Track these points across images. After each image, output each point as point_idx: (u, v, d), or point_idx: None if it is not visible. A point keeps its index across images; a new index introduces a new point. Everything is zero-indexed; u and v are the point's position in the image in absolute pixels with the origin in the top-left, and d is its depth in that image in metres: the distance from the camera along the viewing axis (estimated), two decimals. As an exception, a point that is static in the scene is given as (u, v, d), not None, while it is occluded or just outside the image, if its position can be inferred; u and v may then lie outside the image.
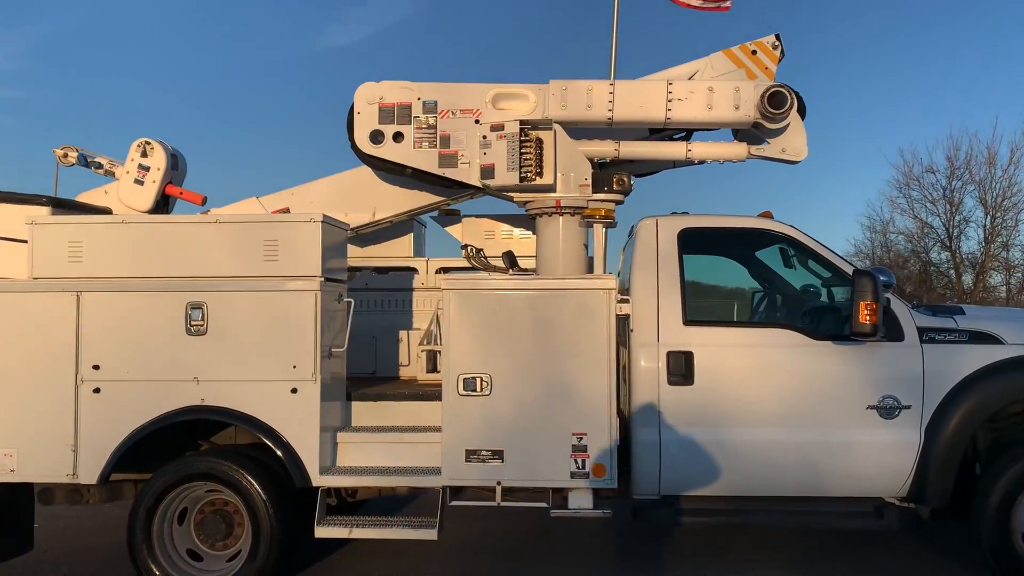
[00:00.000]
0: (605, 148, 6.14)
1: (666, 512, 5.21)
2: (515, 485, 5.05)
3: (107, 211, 6.21)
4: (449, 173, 6.01)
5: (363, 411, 5.53)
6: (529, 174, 5.84)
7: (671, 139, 6.50)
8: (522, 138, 5.85)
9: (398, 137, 6.04)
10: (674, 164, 6.62)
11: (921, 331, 5.17)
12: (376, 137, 6.04)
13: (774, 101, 5.77)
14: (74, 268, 5.18)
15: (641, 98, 5.92)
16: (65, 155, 6.70)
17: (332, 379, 5.25)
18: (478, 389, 5.03)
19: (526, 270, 6.13)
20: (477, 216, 7.18)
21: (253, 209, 6.49)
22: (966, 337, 5.16)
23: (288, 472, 5.06)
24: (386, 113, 6.08)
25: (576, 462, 4.99)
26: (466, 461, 5.03)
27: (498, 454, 5.02)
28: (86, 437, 5.09)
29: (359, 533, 5.11)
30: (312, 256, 5.09)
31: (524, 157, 5.85)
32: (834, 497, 5.20)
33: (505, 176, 5.83)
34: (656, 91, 5.91)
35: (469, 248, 6.42)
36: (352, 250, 6.79)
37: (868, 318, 4.77)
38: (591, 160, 6.11)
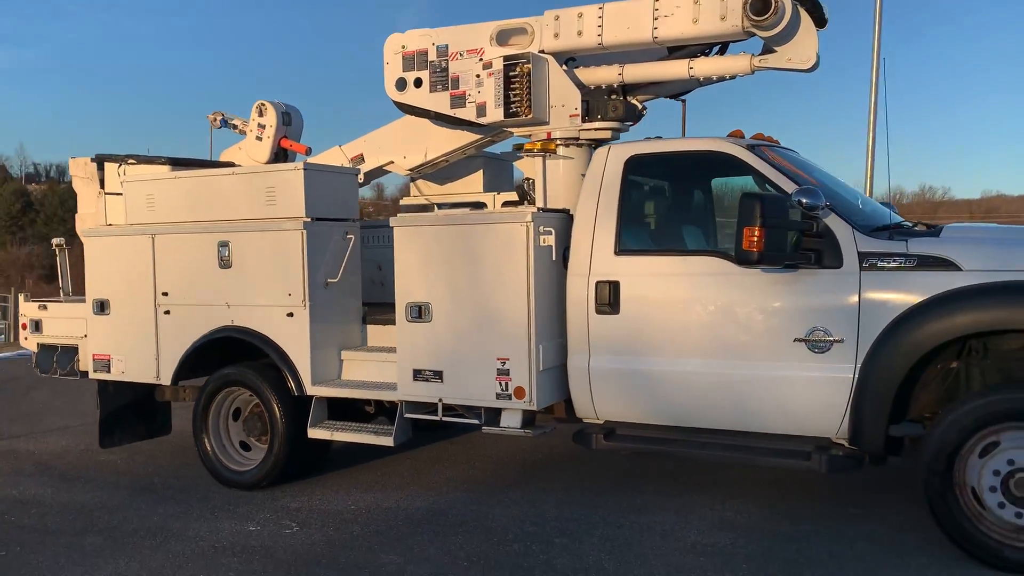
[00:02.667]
0: (609, 74, 6.10)
1: (602, 438, 5.32)
2: (453, 403, 5.52)
3: (224, 165, 7.56)
4: (459, 113, 6.39)
5: (377, 333, 6.31)
6: (518, 109, 6.04)
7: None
8: (511, 73, 6.05)
9: (418, 83, 6.54)
10: (699, 83, 6.29)
11: (862, 256, 4.63)
12: (401, 84, 6.60)
13: (755, 7, 5.36)
14: (149, 215, 6.55)
15: (627, 18, 5.81)
16: (215, 119, 8.22)
17: (330, 305, 6.06)
18: (421, 316, 5.54)
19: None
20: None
21: (335, 156, 7.43)
22: (914, 262, 4.52)
23: (289, 382, 6.03)
24: (408, 61, 6.59)
25: (500, 384, 5.32)
26: (414, 380, 5.60)
27: (439, 375, 5.51)
28: (162, 349, 6.50)
29: (336, 436, 5.97)
30: (297, 200, 5.91)
31: (513, 93, 6.06)
32: (772, 434, 4.92)
33: (494, 113, 6.10)
34: (642, 9, 5.75)
35: (525, 182, 6.73)
36: (431, 187, 7.52)
37: (753, 244, 4.44)
38: (593, 87, 6.12)
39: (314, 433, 6.02)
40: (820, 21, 5.69)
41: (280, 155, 7.78)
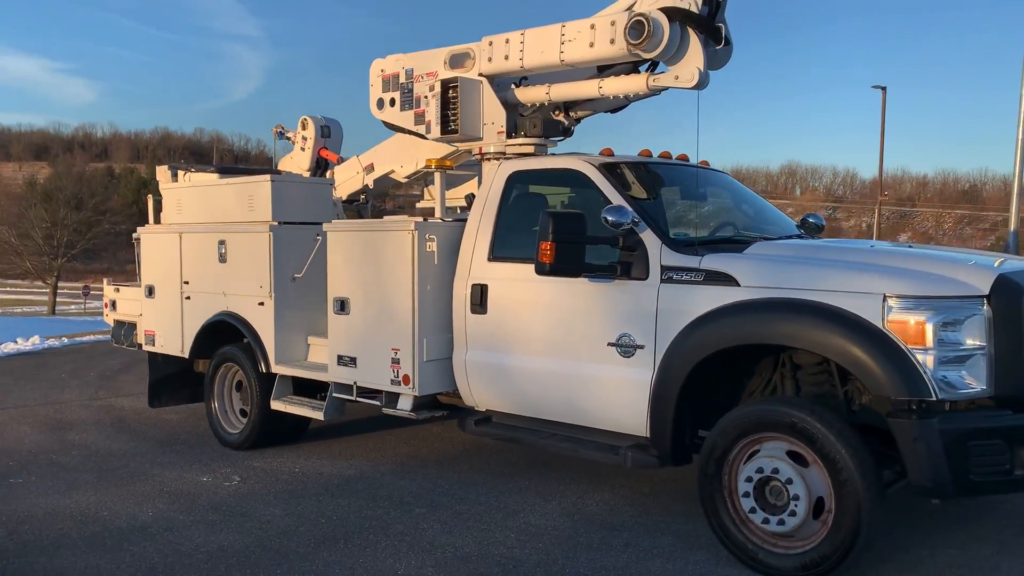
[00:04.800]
0: (538, 93, 6.66)
1: (477, 425, 5.95)
2: (364, 385, 6.34)
3: (267, 172, 8.81)
4: (418, 130, 7.17)
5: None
6: (454, 127, 6.73)
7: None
8: (449, 95, 6.75)
9: (392, 103, 7.39)
10: (627, 100, 6.65)
11: (664, 269, 4.96)
12: (380, 104, 7.48)
13: (633, 32, 5.75)
14: (178, 217, 7.91)
15: (541, 43, 6.33)
16: (276, 132, 9.55)
17: (296, 297, 7.07)
18: (343, 309, 6.41)
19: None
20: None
21: (353, 166, 8.47)
22: (702, 277, 4.79)
23: (259, 360, 7.12)
24: (386, 83, 7.46)
25: (393, 372, 6.08)
26: (338, 364, 6.48)
27: (354, 360, 6.36)
28: (185, 328, 7.83)
29: (287, 408, 6.97)
30: (266, 207, 6.98)
31: (451, 112, 6.75)
32: (599, 429, 5.34)
33: (435, 130, 6.83)
34: (552, 35, 6.25)
35: (468, 196, 7.44)
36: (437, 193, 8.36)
37: (545, 256, 4.89)
38: (530, 105, 6.69)
39: (275, 405, 7.07)
40: (720, 39, 5.93)
41: (320, 163, 8.94)
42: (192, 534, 5.29)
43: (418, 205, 8.71)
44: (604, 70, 6.56)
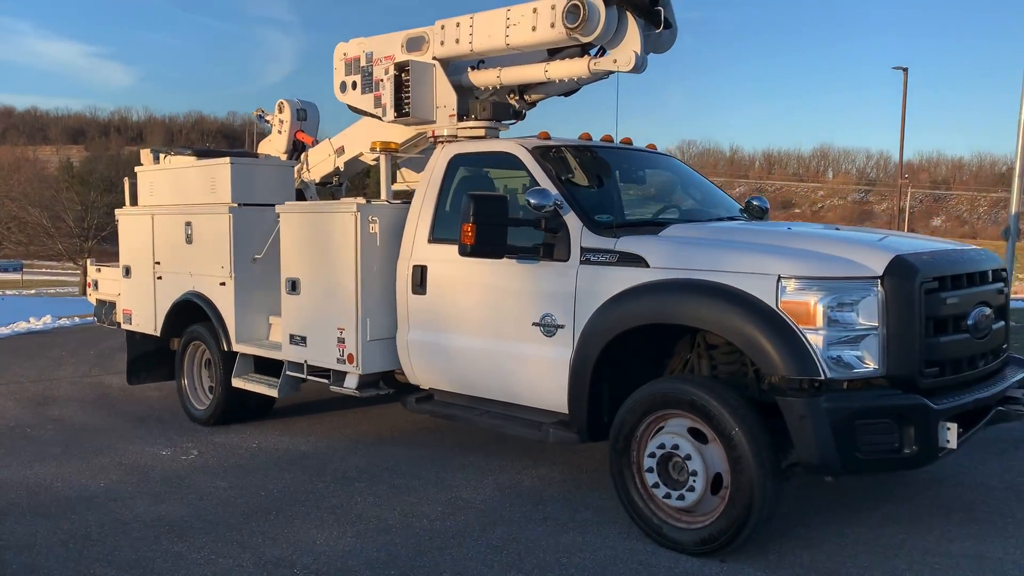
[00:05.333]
0: (489, 77, 6.75)
1: (418, 403, 6.09)
2: (314, 364, 6.50)
3: (250, 155, 8.98)
4: (377, 113, 7.30)
5: (306, 302, 7.44)
6: (408, 110, 6.85)
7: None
8: (403, 78, 6.85)
9: (354, 86, 7.51)
10: (576, 83, 6.71)
11: (584, 251, 5.05)
12: (343, 87, 7.60)
13: (570, 17, 5.82)
14: (150, 199, 8.12)
15: (489, 27, 6.42)
16: (256, 115, 9.72)
17: (257, 278, 7.23)
18: (295, 289, 6.57)
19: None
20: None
21: (325, 148, 8.61)
22: (616, 259, 4.87)
23: (221, 339, 7.32)
24: (348, 66, 7.57)
25: (339, 351, 6.23)
26: (290, 343, 6.65)
27: (304, 340, 6.53)
28: (158, 307, 8.05)
29: (246, 385, 7.17)
30: (225, 189, 7.15)
31: (405, 95, 6.86)
32: (529, 407, 5.45)
33: (390, 112, 6.95)
34: (498, 19, 6.35)
35: None
36: (412, 175, 8.50)
37: (466, 238, 5.00)
38: (483, 88, 6.79)
39: (235, 383, 7.26)
40: (659, 23, 5.97)
41: (297, 146, 9.09)
42: (135, 504, 5.50)
43: (393, 187, 8.84)
44: (555, 53, 6.63)
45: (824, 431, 4.05)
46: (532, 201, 5.05)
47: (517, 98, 7.00)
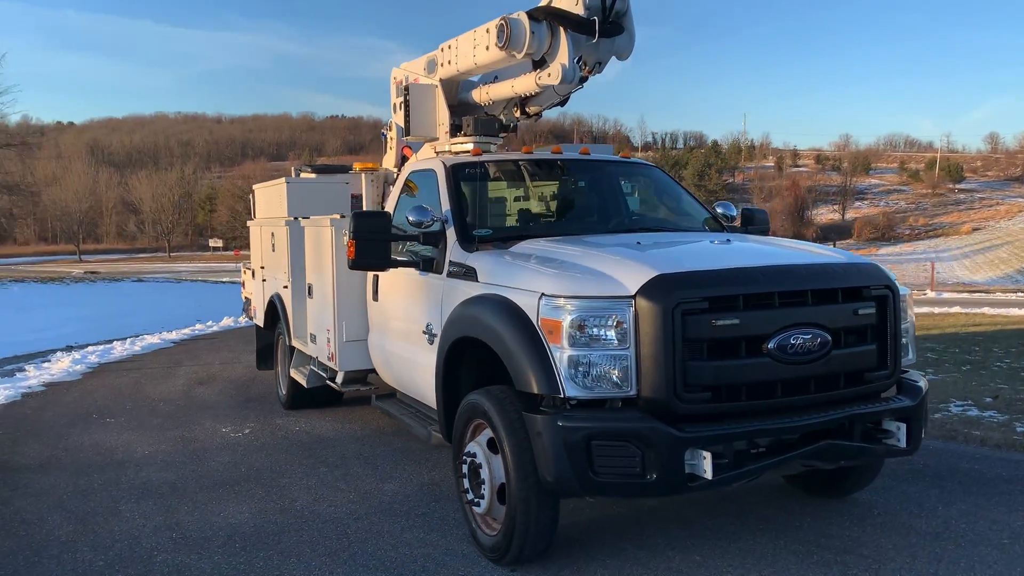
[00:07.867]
0: (481, 94, 7.14)
1: (377, 400, 6.67)
2: (320, 360, 7.32)
3: (345, 170, 10.07)
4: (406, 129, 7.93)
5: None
6: (412, 128, 7.42)
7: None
8: (409, 99, 7.44)
9: (397, 108, 8.23)
10: (562, 99, 6.82)
11: (450, 264, 5.32)
12: (394, 108, 8.35)
13: (499, 36, 6.09)
14: (260, 213, 9.46)
15: (465, 48, 6.82)
16: (381, 134, 10.81)
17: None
18: (310, 293, 7.44)
19: None
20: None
21: (425, 151, 9.41)
22: (463, 272, 5.10)
23: (285, 334, 8.40)
24: (397, 89, 8.30)
25: (327, 350, 7.00)
26: (310, 341, 7.55)
27: (315, 339, 7.38)
28: (264, 305, 9.37)
29: (294, 376, 8.14)
30: (283, 205, 8.22)
31: (410, 115, 7.45)
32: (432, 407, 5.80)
33: (405, 131, 7.56)
34: (469, 41, 6.72)
35: None
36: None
37: (348, 253, 5.48)
38: (483, 104, 7.20)
39: (292, 373, 8.31)
40: (592, 33, 5.97)
41: (403, 161, 10.02)
42: (149, 470, 6.70)
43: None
44: (538, 65, 6.83)
45: (558, 449, 4.05)
46: (410, 218, 5.42)
47: (518, 111, 7.25)
